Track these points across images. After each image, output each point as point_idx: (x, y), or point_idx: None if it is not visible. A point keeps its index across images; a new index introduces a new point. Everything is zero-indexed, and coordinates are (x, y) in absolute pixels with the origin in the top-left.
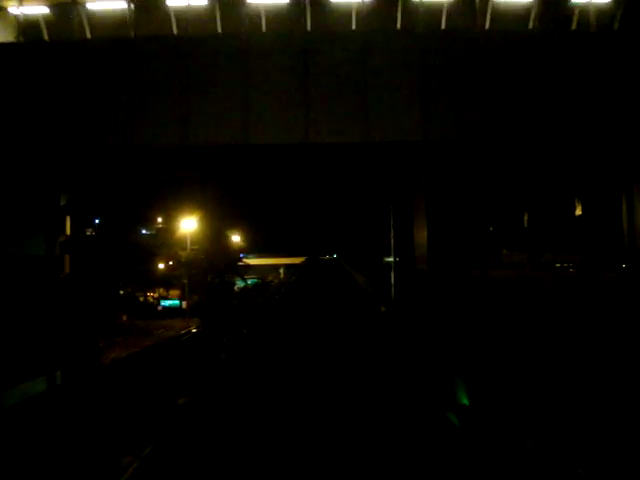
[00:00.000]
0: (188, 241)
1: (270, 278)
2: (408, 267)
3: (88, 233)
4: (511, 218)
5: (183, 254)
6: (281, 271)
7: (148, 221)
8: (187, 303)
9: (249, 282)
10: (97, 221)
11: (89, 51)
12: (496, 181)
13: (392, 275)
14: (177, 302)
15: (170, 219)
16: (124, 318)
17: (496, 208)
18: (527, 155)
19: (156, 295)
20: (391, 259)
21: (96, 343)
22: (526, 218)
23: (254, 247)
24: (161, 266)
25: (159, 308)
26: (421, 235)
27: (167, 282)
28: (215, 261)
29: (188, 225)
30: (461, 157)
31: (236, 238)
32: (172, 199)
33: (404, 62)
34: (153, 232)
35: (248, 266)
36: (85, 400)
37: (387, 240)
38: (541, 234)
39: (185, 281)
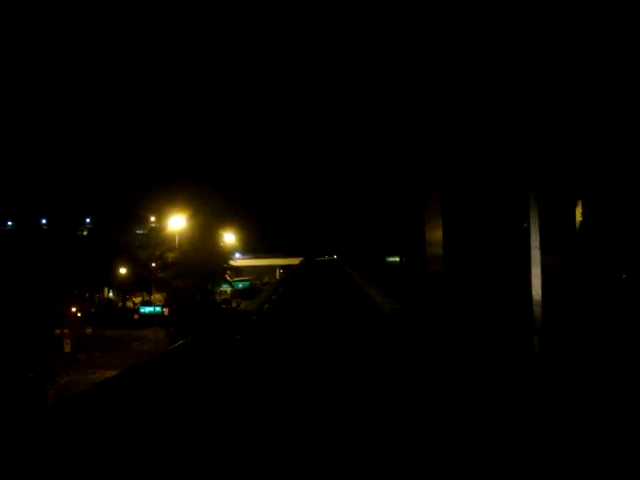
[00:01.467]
0: (176, 240)
1: (266, 279)
2: (418, 268)
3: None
4: (554, 211)
5: (170, 255)
6: (277, 272)
7: (142, 220)
8: (168, 311)
9: (240, 285)
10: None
11: None
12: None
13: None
14: (159, 309)
15: (161, 217)
16: (88, 331)
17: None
18: None
19: (138, 300)
20: (395, 259)
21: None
22: (580, 210)
23: (250, 247)
24: (123, 270)
25: (135, 317)
26: (435, 231)
27: (150, 286)
28: (196, 264)
29: (176, 223)
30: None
31: (230, 237)
32: (163, 196)
33: None
34: (147, 231)
35: (236, 269)
36: None
37: (391, 238)
38: (601, 230)
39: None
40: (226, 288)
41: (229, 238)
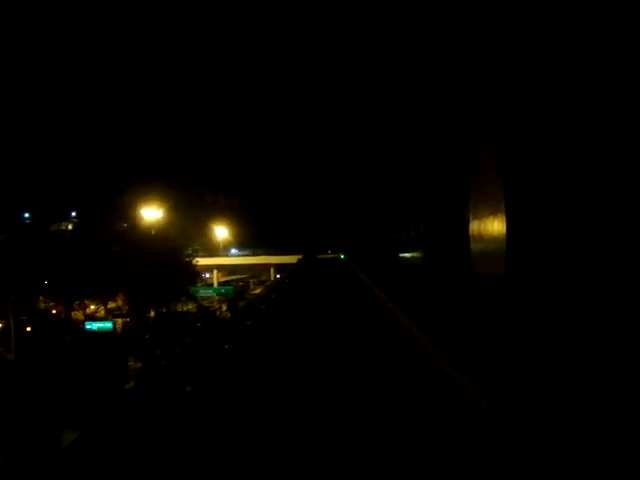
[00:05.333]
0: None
1: (263, 277)
2: (453, 271)
3: None
4: None
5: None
6: (271, 272)
7: (127, 213)
8: (122, 326)
9: (223, 290)
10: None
11: None
12: None
13: None
14: (109, 325)
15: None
16: None
17: None
18: None
19: (92, 310)
20: (409, 255)
21: None
22: None
23: (247, 242)
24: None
25: (67, 339)
26: (486, 218)
27: (107, 291)
28: (143, 268)
29: (151, 216)
30: None
31: (222, 232)
32: (150, 188)
33: None
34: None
35: (197, 273)
36: None
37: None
38: None
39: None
40: (212, 293)
41: (221, 232)
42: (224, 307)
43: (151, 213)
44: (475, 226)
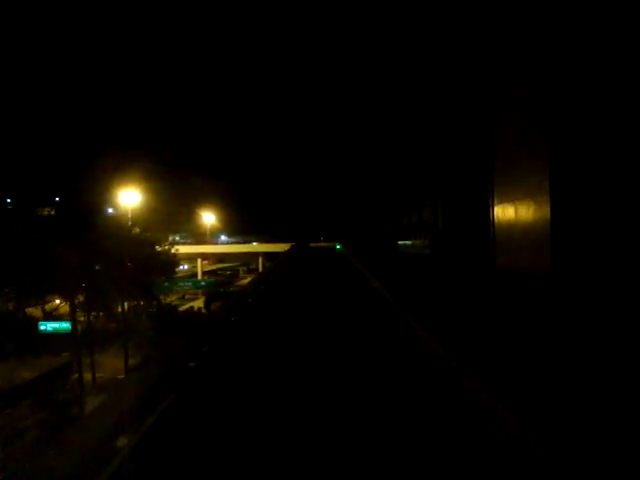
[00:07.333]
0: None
1: (254, 266)
2: (473, 265)
3: None
4: None
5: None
6: (260, 260)
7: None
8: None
9: (203, 283)
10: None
11: None
12: None
13: None
14: (67, 325)
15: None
16: None
17: None
18: None
19: (55, 305)
20: (409, 242)
21: None
22: None
23: (238, 228)
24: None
25: (8, 346)
26: (518, 202)
27: (63, 288)
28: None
29: (129, 199)
30: None
31: (210, 217)
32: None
33: None
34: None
35: (174, 263)
36: None
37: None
38: None
39: None
40: (190, 286)
41: (209, 218)
42: (196, 305)
43: (129, 197)
44: (501, 211)
